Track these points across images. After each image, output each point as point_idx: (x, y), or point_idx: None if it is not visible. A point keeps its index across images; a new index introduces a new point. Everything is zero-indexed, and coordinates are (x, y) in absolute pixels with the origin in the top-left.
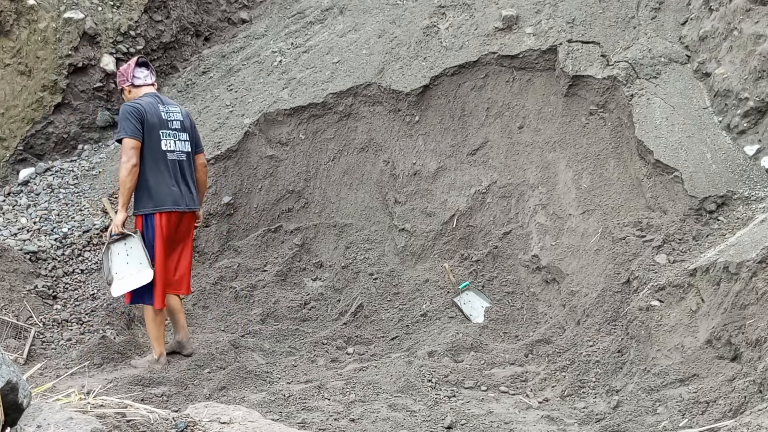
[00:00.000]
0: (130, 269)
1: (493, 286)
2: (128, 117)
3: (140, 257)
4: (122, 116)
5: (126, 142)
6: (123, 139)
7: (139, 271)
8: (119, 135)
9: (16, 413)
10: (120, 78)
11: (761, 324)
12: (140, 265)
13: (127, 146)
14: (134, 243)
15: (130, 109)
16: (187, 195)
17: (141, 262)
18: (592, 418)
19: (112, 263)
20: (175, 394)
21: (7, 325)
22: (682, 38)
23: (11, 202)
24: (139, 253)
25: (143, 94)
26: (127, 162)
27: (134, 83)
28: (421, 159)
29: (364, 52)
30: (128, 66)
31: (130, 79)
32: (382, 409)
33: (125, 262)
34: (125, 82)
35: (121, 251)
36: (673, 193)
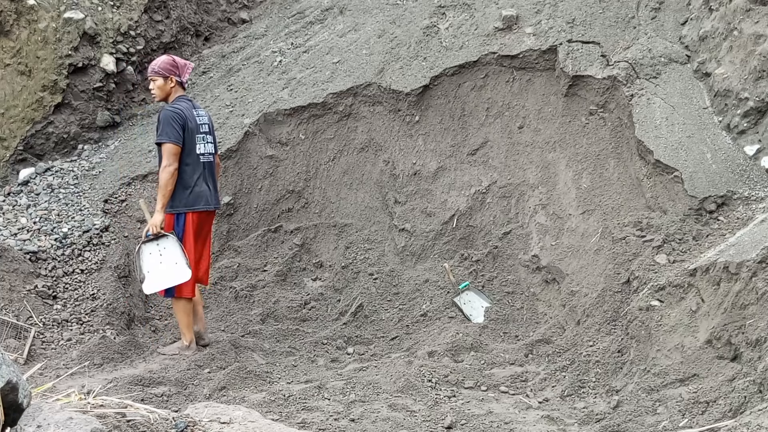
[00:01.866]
0: (162, 268)
1: (493, 286)
2: (171, 122)
3: (175, 257)
4: (165, 121)
5: (169, 147)
6: (165, 143)
7: (175, 270)
8: (162, 139)
9: (16, 413)
10: (171, 67)
11: (761, 324)
12: (176, 264)
13: (170, 151)
14: (168, 243)
15: (173, 115)
16: (214, 194)
17: (176, 261)
18: (592, 418)
19: (143, 262)
20: (175, 394)
21: (7, 325)
22: (682, 38)
23: (11, 202)
24: (175, 253)
25: (179, 97)
26: (170, 166)
27: (181, 82)
28: (421, 159)
29: (364, 52)
30: (185, 64)
31: (182, 77)
32: (382, 409)
33: (158, 262)
34: (175, 74)
35: (153, 251)
36: (673, 193)
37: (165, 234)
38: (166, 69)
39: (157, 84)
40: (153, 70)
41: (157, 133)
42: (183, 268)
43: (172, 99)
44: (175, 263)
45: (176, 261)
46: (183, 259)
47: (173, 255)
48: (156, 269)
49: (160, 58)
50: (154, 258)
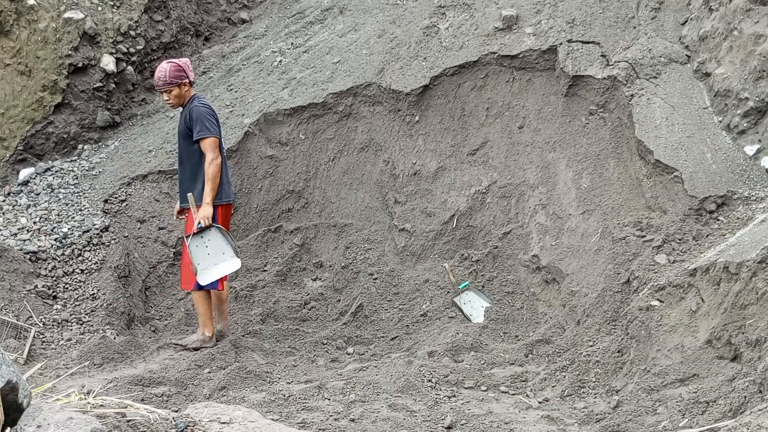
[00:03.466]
0: (212, 259)
1: (493, 286)
2: (210, 117)
3: (222, 247)
4: (203, 116)
5: (212, 141)
6: (208, 138)
7: (224, 260)
8: (204, 134)
9: (16, 413)
10: (180, 73)
11: (761, 324)
12: (223, 255)
13: (214, 144)
14: (213, 235)
15: (209, 110)
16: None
17: (224, 252)
18: (592, 418)
19: (193, 256)
20: (175, 394)
21: (7, 325)
22: (682, 38)
23: (11, 202)
24: (221, 244)
25: (195, 95)
26: (216, 159)
27: (192, 82)
28: (421, 159)
29: (364, 52)
30: (187, 64)
31: (192, 78)
32: (382, 409)
33: (206, 254)
34: (186, 78)
35: (199, 244)
36: (673, 193)
37: (208, 227)
38: (177, 77)
39: (173, 94)
40: (165, 82)
41: (196, 130)
42: (232, 257)
43: (187, 99)
44: (222, 253)
45: (223, 251)
46: (230, 249)
47: (219, 246)
48: (205, 261)
49: (165, 68)
50: (201, 250)
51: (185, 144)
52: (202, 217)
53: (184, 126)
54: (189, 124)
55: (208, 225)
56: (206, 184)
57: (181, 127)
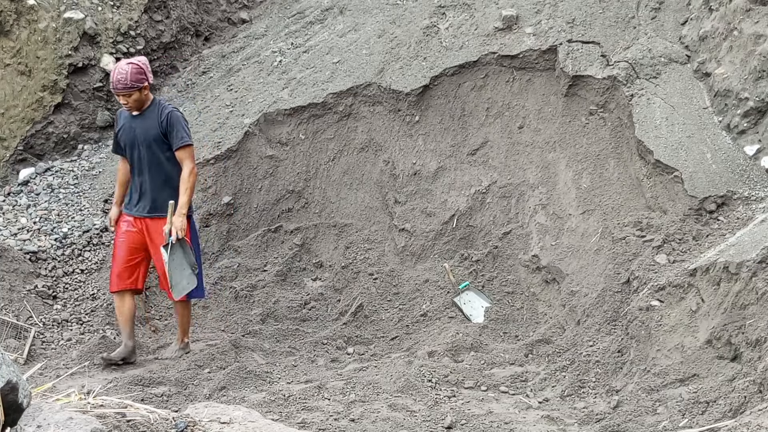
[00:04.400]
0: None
1: (493, 286)
2: (186, 123)
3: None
4: (182, 122)
5: (191, 148)
6: (190, 146)
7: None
8: (187, 141)
9: (16, 413)
10: (141, 75)
11: (761, 324)
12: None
13: (192, 152)
14: (179, 248)
15: (182, 115)
16: None
17: (184, 268)
18: (592, 418)
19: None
20: (175, 394)
21: (7, 325)
22: (682, 38)
23: (11, 202)
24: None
25: (156, 97)
26: (195, 167)
27: (151, 84)
28: (421, 159)
29: (364, 52)
30: (146, 65)
31: (151, 80)
32: (382, 409)
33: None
34: (146, 81)
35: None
36: (673, 193)
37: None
38: (138, 80)
39: (132, 98)
40: (126, 86)
41: (178, 136)
42: (191, 276)
43: (149, 100)
44: (183, 269)
45: (184, 267)
46: (188, 265)
47: (182, 260)
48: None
49: (125, 69)
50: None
51: (154, 150)
52: (180, 228)
53: (158, 132)
54: (165, 130)
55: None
56: (184, 194)
57: (150, 132)
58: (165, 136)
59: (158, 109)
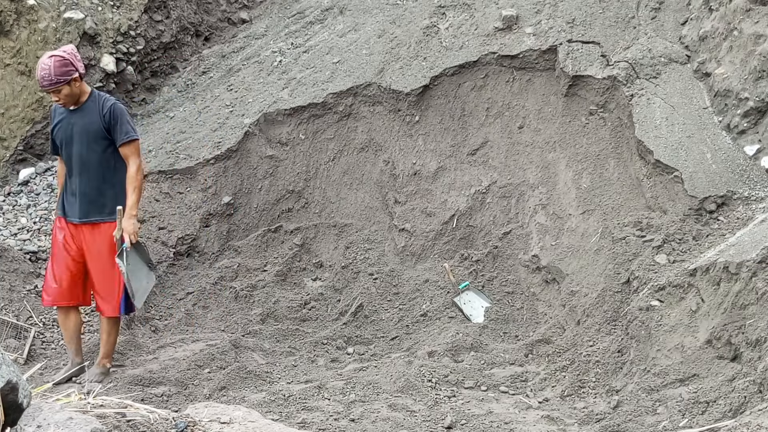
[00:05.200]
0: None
1: (493, 286)
2: (130, 117)
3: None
4: (126, 116)
5: (138, 143)
6: (136, 141)
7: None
8: (132, 136)
9: (16, 413)
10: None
11: (761, 324)
12: (141, 270)
13: (139, 148)
14: (133, 252)
15: (125, 109)
16: None
17: (141, 267)
18: (592, 418)
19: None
20: (175, 394)
21: (7, 325)
22: (682, 38)
23: (11, 202)
24: (138, 258)
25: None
26: (142, 164)
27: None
28: (421, 159)
29: (364, 52)
30: (72, 54)
31: (81, 70)
32: (382, 409)
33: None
34: (76, 72)
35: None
36: (673, 193)
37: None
38: (64, 72)
39: (63, 93)
40: (51, 82)
41: (122, 131)
42: (147, 272)
43: (86, 93)
44: (141, 269)
45: (140, 266)
46: (143, 263)
47: (138, 260)
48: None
49: (47, 64)
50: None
51: (97, 148)
52: (132, 233)
53: (99, 126)
54: (107, 124)
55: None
56: (132, 194)
57: (90, 127)
58: (108, 131)
59: (99, 102)
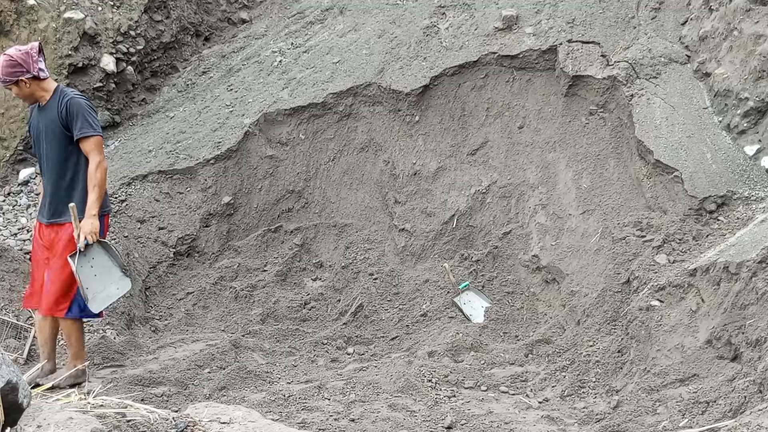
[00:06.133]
0: (101, 282)
1: (493, 286)
2: (92, 111)
3: (109, 266)
4: (86, 110)
5: (97, 139)
6: (93, 136)
7: (112, 281)
8: (88, 132)
9: (16, 413)
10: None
11: (761, 324)
12: (110, 275)
13: (100, 144)
14: (97, 253)
15: (89, 104)
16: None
17: (110, 271)
18: (592, 418)
19: (81, 279)
20: (175, 394)
21: (7, 325)
22: (682, 38)
23: (11, 202)
24: (106, 262)
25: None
26: (104, 161)
27: (39, 76)
28: (421, 159)
29: (364, 52)
30: (28, 54)
31: (33, 70)
32: (382, 409)
33: (93, 275)
34: (25, 73)
35: (84, 264)
36: (673, 193)
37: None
38: (11, 73)
39: (14, 92)
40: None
41: (77, 126)
42: (121, 277)
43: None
44: (109, 273)
45: (110, 271)
46: (116, 268)
47: (105, 264)
48: (94, 284)
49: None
50: (87, 271)
51: (57, 145)
52: (89, 233)
53: (58, 123)
54: (65, 120)
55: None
56: (92, 192)
57: (51, 125)
58: (66, 128)
59: (59, 99)
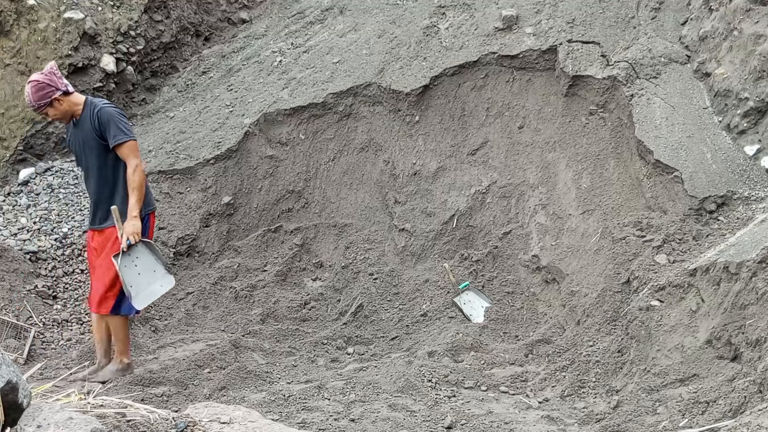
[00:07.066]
0: (145, 279)
1: (493, 286)
2: (123, 118)
3: (152, 264)
4: (117, 118)
5: (132, 144)
6: (127, 141)
7: (156, 279)
8: (122, 138)
9: (16, 413)
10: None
11: (761, 324)
12: (154, 272)
13: (135, 147)
14: (141, 252)
15: (120, 111)
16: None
17: (154, 269)
18: (592, 418)
19: (125, 278)
20: (175, 394)
21: (7, 325)
22: (682, 38)
23: (11, 202)
24: (150, 260)
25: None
26: (141, 163)
27: (68, 90)
28: (421, 159)
29: (364, 52)
30: (51, 73)
31: (62, 87)
32: (382, 409)
33: (137, 273)
34: (55, 91)
35: (128, 263)
36: (673, 193)
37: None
38: (43, 96)
39: (51, 114)
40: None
41: (111, 134)
42: (164, 275)
43: (80, 104)
44: (153, 271)
45: (154, 269)
46: (160, 265)
47: (149, 263)
48: (138, 282)
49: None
50: (131, 270)
51: (97, 155)
52: (131, 233)
53: (93, 135)
54: (99, 130)
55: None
56: (132, 195)
57: (87, 137)
58: (101, 137)
59: (91, 111)
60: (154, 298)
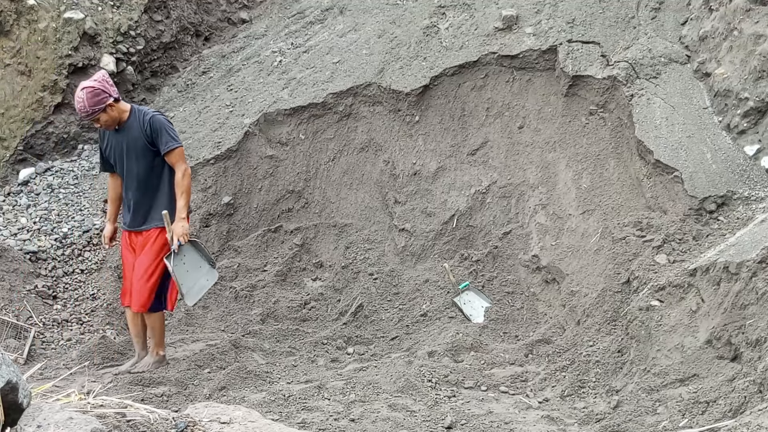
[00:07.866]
0: (193, 276)
1: (493, 286)
2: (171, 125)
3: (198, 261)
4: (166, 125)
5: (181, 150)
6: (178, 148)
7: (203, 274)
8: (173, 145)
9: (16, 413)
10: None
11: (761, 324)
12: (200, 268)
13: (183, 153)
14: (187, 250)
15: (167, 118)
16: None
17: (200, 265)
18: (592, 418)
19: (177, 277)
20: (175, 394)
21: (7, 325)
22: (682, 38)
23: (11, 202)
24: (196, 257)
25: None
26: (188, 168)
27: (118, 97)
28: (421, 159)
29: (364, 52)
30: (104, 80)
31: (114, 93)
32: (382, 409)
33: (185, 271)
34: (108, 98)
35: (177, 263)
36: (673, 193)
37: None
38: (98, 102)
39: (103, 120)
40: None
41: (163, 141)
42: (209, 270)
43: (127, 111)
44: (199, 267)
45: (200, 265)
46: (205, 261)
47: (195, 260)
48: (188, 280)
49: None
50: (181, 269)
51: (144, 161)
52: (181, 235)
53: (144, 141)
54: (150, 137)
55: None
56: (181, 198)
57: (134, 143)
58: (151, 144)
59: (139, 118)
60: (203, 293)
